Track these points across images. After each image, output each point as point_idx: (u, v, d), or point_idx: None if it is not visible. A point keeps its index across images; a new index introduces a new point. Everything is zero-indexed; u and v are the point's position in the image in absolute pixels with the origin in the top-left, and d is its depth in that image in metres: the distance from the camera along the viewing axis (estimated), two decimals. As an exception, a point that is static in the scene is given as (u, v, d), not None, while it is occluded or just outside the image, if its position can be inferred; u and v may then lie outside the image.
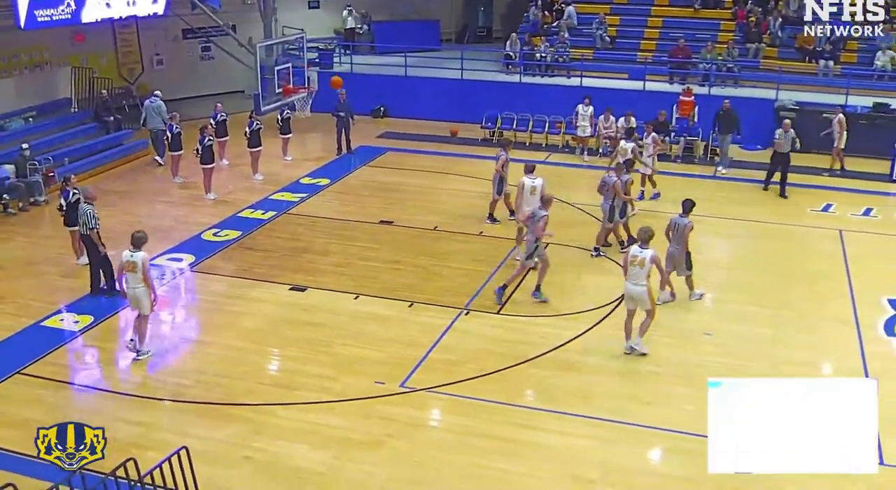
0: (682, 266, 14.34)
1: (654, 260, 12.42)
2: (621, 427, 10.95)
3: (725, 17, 28.21)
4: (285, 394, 11.67)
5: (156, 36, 28.22)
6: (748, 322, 13.82)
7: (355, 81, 26.47)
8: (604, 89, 24.78)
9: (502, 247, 16.69)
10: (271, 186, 20.55)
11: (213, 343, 13.15)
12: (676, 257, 14.22)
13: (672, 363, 12.53)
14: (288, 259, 16.22)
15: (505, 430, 10.88)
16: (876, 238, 17.56)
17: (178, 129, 20.63)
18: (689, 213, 14.10)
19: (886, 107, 23.24)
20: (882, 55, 24.79)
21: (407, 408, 11.37)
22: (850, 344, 13.13)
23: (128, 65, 28.13)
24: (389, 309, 14.18)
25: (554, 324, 13.67)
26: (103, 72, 26.17)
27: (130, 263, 12.10)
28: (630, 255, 12.56)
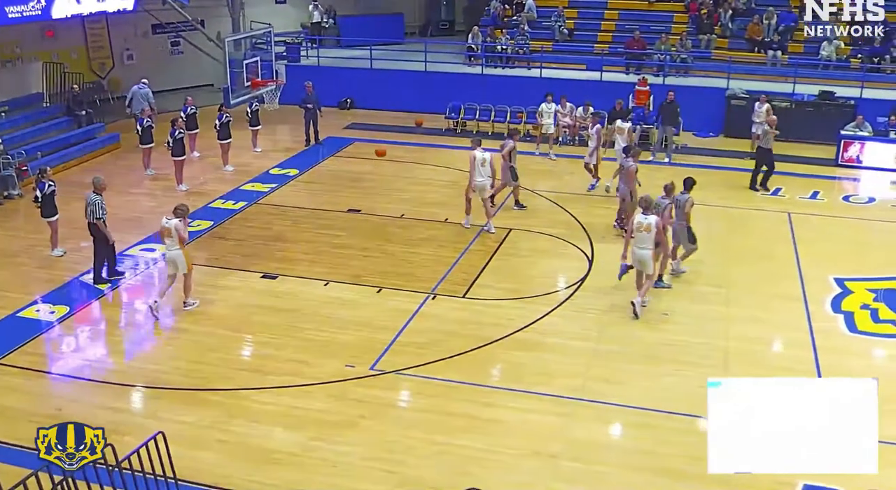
0: (686, 240, 14.69)
1: (658, 224, 13.09)
2: (583, 404, 11.07)
3: (678, 10, 28.38)
4: (259, 378, 11.64)
5: (126, 31, 27.84)
6: (702, 302, 14.00)
7: (322, 74, 26.37)
8: (562, 80, 24.91)
9: (467, 233, 16.73)
10: (242, 177, 20.42)
11: (187, 330, 13.07)
12: (679, 232, 14.58)
13: (631, 342, 12.66)
14: (259, 248, 16.16)
15: (471, 408, 10.94)
16: (823, 220, 17.83)
17: (150, 123, 20.42)
18: (690, 190, 14.49)
19: (832, 95, 23.54)
20: (828, 45, 25.09)
21: (378, 390, 11.40)
22: (799, 320, 13.35)
23: (98, 60, 27.72)
24: (359, 295, 14.18)
25: (518, 306, 13.75)
26: (74, 67, 25.76)
27: (166, 229, 13.07)
28: (636, 222, 13.20)
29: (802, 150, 22.27)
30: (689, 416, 10.62)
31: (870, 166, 20.72)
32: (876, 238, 17.03)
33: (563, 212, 18.00)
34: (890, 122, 22.01)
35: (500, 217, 17.50)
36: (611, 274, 14.49)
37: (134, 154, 21.35)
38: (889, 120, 22.03)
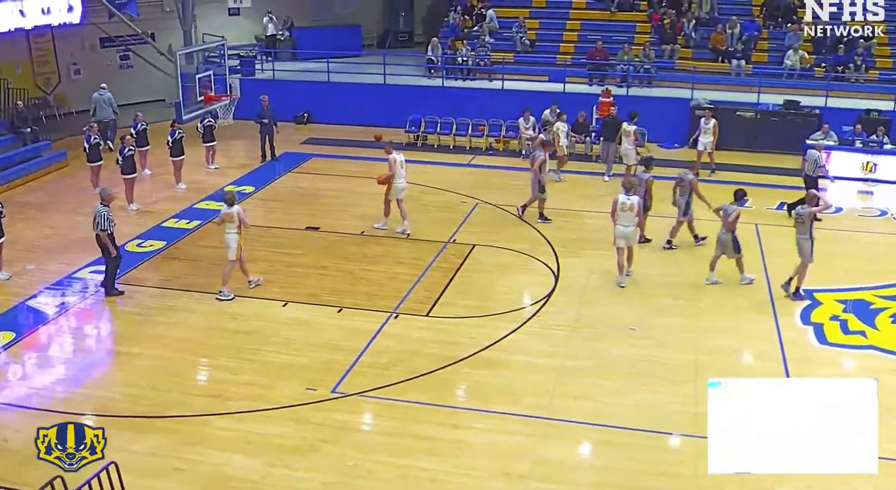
0: (731, 249, 15.14)
1: (638, 203, 14.81)
2: (550, 423, 11.12)
3: (641, 20, 28.73)
4: (216, 404, 11.54)
5: (72, 45, 27.57)
6: (669, 314, 14.16)
7: (278, 88, 26.26)
8: (525, 92, 25.10)
9: (429, 249, 16.76)
10: (195, 195, 20.28)
11: (140, 355, 12.93)
12: (724, 241, 15.13)
13: (599, 358, 12.75)
14: (214, 268, 16.00)
15: (436, 430, 10.94)
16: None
17: (97, 140, 20.24)
18: (738, 202, 15.15)
19: (796, 104, 23.90)
20: (792, 54, 25.52)
21: (339, 413, 11.36)
22: (768, 332, 13.54)
23: (44, 74, 27.41)
24: (318, 315, 14.13)
25: (482, 324, 13.79)
26: (19, 82, 25.51)
27: (229, 215, 14.40)
28: (619, 202, 14.79)
29: (768, 160, 22.61)
30: (660, 433, 10.73)
31: (836, 176, 21.07)
32: (843, 248, 17.29)
33: (527, 226, 18.10)
34: (855, 131, 22.47)
35: (463, 232, 17.58)
36: (577, 289, 14.58)
37: (82, 172, 21.09)
38: (854, 129, 22.49)
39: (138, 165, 19.96)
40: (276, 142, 23.38)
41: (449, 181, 20.99)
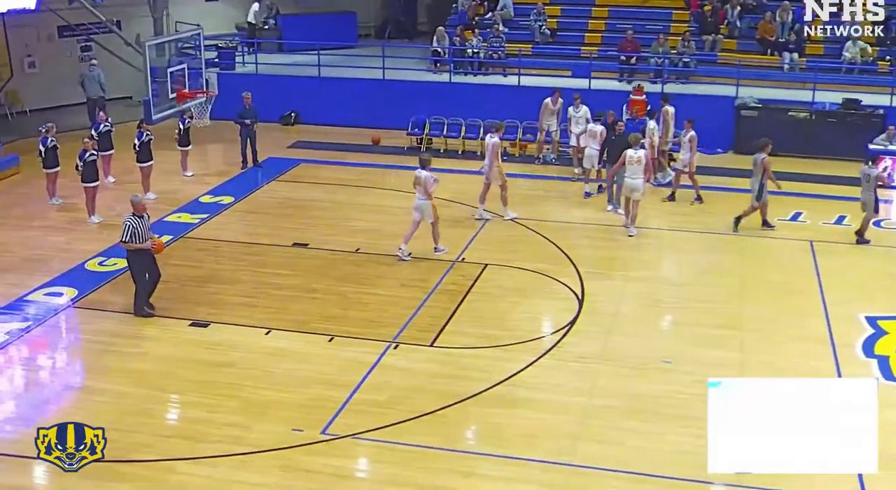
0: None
1: (647, 156, 18.05)
2: (574, 470, 11.09)
3: (678, 7, 28.85)
4: (188, 446, 11.55)
5: (26, 34, 27.80)
6: (710, 346, 14.11)
7: (261, 84, 26.44)
8: (544, 88, 25.03)
9: (434, 269, 16.80)
10: (166, 207, 20.35)
11: (101, 390, 12.95)
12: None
13: (629, 395, 12.72)
14: (187, 290, 16.08)
15: (443, 478, 10.93)
16: (851, 249, 18.08)
17: (54, 143, 20.30)
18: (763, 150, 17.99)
19: (857, 103, 23.89)
20: (851, 46, 25.48)
21: (330, 458, 11.36)
22: (825, 366, 13.48)
23: (-7, 68, 27.70)
24: (307, 344, 14.16)
25: (495, 356, 13.80)
26: (-36, 77, 25.78)
27: (417, 179, 16.85)
28: (628, 156, 17.80)
29: (825, 167, 22.61)
30: (698, 482, 10.68)
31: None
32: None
33: (546, 243, 18.15)
34: (925, 134, 22.46)
35: (473, 249, 17.64)
36: (605, 315, 14.58)
37: (36, 180, 21.19)
38: (924, 132, 22.48)
39: (101, 172, 20.06)
40: (259, 145, 23.46)
41: (457, 191, 21.03)
